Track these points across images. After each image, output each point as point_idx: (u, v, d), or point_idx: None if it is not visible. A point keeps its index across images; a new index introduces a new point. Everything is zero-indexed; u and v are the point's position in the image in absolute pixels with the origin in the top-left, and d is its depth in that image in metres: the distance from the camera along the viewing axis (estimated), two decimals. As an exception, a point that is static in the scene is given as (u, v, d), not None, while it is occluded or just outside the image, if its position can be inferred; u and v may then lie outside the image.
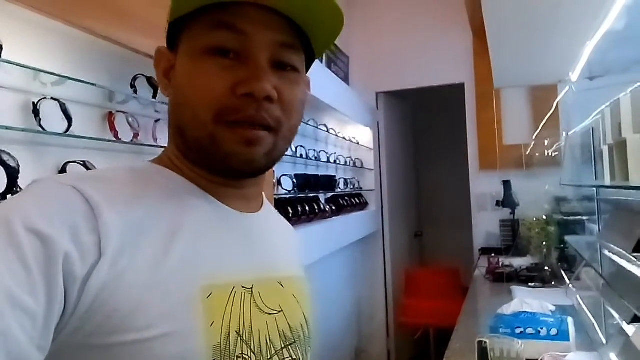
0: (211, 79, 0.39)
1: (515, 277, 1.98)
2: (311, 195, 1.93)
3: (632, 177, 0.88)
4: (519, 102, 2.60)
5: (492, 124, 2.61)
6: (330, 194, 2.22)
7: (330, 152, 2.33)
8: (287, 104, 0.41)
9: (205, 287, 0.37)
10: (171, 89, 0.43)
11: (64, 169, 0.86)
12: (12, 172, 0.73)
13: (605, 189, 1.27)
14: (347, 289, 2.56)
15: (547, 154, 2.40)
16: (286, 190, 1.75)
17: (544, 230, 2.27)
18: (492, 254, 2.21)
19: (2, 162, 0.72)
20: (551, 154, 2.36)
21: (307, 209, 1.80)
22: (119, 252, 0.34)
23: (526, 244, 2.34)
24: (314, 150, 2.11)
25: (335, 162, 2.30)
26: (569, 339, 1.09)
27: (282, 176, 1.74)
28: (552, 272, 1.95)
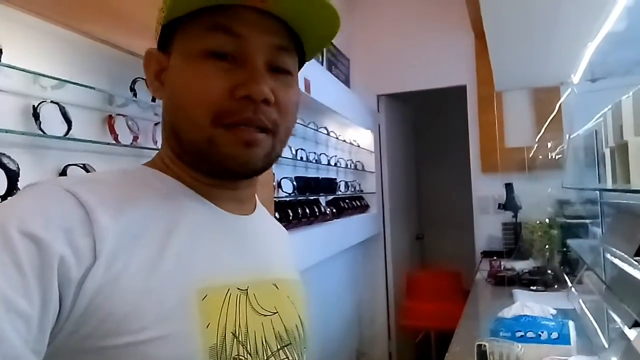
0: (208, 81, 0.39)
1: (517, 280, 1.96)
2: (311, 197, 1.93)
3: (633, 180, 0.87)
4: (521, 104, 2.59)
5: (494, 126, 2.60)
6: (331, 197, 2.22)
7: (331, 154, 2.33)
8: (283, 107, 0.41)
9: (200, 289, 0.37)
10: (164, 92, 0.43)
11: (64, 172, 0.86)
12: (12, 175, 0.73)
13: (608, 192, 1.26)
14: (348, 291, 2.56)
15: (550, 157, 2.39)
16: (286, 192, 1.74)
17: (546, 233, 2.26)
18: (494, 257, 2.19)
19: (2, 165, 0.72)
20: (554, 157, 2.35)
21: (307, 211, 1.80)
22: (113, 255, 0.34)
23: (528, 247, 2.33)
24: (315, 153, 2.11)
25: (335, 164, 2.30)
26: (569, 343, 1.08)
27: (282, 179, 1.74)
28: (555, 276, 1.94)
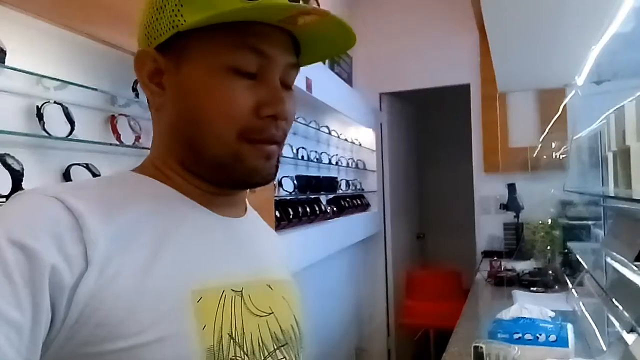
0: (235, 99, 0.39)
1: (517, 281, 1.96)
2: (312, 196, 1.94)
3: (634, 186, 0.87)
4: (525, 103, 2.57)
5: (498, 126, 2.58)
6: (331, 195, 2.22)
7: (332, 153, 2.32)
8: (290, 120, 0.44)
9: (195, 291, 0.37)
10: (168, 98, 0.42)
11: (67, 172, 0.87)
12: (16, 175, 0.74)
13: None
14: (348, 289, 2.57)
15: (554, 157, 2.38)
16: (287, 191, 1.75)
17: (548, 234, 2.25)
18: (495, 257, 2.19)
19: (6, 165, 0.73)
20: (559, 157, 2.33)
21: (308, 210, 1.80)
22: (106, 260, 0.34)
23: (530, 248, 2.32)
24: (316, 151, 2.11)
25: (337, 163, 2.30)
26: (568, 346, 1.08)
27: (283, 177, 1.74)
28: (555, 277, 1.94)
